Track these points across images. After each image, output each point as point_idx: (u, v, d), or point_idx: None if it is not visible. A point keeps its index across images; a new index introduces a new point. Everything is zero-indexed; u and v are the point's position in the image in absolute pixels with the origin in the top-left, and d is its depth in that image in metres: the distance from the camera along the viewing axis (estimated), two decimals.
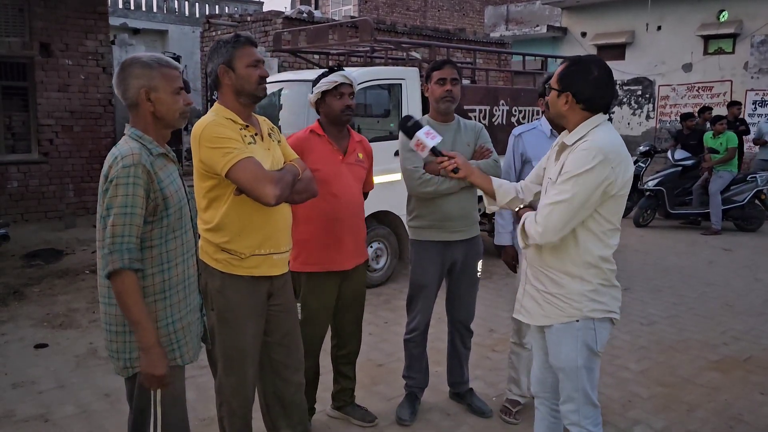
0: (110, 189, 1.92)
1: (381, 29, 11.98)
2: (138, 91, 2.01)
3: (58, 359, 4.08)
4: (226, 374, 2.51)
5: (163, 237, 2.02)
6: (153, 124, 2.06)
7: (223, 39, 2.40)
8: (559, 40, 18.96)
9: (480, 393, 3.69)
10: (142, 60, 2.04)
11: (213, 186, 2.33)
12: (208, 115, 2.38)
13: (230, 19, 12.33)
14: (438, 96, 3.16)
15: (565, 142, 2.25)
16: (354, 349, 3.28)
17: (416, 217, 3.25)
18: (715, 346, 4.52)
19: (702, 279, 6.38)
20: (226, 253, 2.39)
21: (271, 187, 2.22)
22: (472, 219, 3.30)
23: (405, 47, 6.87)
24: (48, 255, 6.67)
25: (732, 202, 8.72)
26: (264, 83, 2.42)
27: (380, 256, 5.91)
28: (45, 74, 8.15)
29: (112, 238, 1.89)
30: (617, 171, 2.12)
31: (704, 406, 3.59)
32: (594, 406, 2.35)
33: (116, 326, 2.01)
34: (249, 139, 2.36)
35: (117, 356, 2.04)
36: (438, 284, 3.32)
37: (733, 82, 15.70)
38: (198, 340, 2.21)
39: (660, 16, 17.06)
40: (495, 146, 3.33)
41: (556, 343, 2.32)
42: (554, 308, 2.28)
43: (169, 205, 2.01)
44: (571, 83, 2.20)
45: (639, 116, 17.70)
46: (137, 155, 1.94)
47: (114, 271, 1.88)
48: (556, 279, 2.26)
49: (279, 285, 2.55)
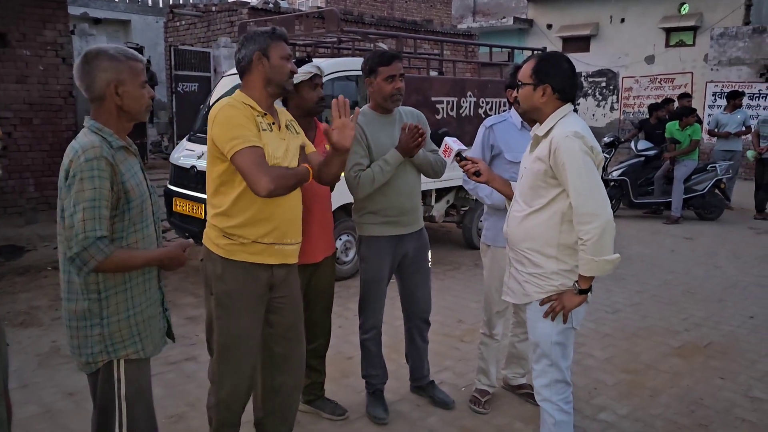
0: (75, 184, 1.88)
1: (348, 20, 11.91)
2: (106, 85, 1.98)
3: (20, 359, 3.98)
4: (219, 361, 2.54)
5: (124, 230, 2.00)
6: (117, 118, 2.03)
7: (259, 30, 2.45)
8: (525, 32, 19.13)
9: (449, 383, 3.72)
10: (109, 53, 2.00)
11: (224, 170, 2.36)
12: (226, 98, 2.42)
13: (194, 9, 12.11)
14: (387, 94, 3.07)
15: (536, 133, 2.41)
16: (323, 343, 3.27)
17: (369, 214, 3.18)
18: (677, 332, 4.64)
19: (664, 267, 6.54)
20: (227, 238, 2.41)
21: (266, 179, 2.23)
22: (420, 211, 3.33)
23: (372, 38, 6.84)
24: (8, 252, 6.49)
25: (693, 191, 8.93)
26: (292, 77, 2.50)
27: (349, 249, 5.90)
28: (2, 65, 7.87)
29: (84, 233, 1.86)
30: (594, 151, 2.30)
31: (667, 391, 3.69)
32: (567, 384, 2.47)
33: (77, 321, 1.99)
34: (264, 126, 2.39)
35: (79, 352, 2.01)
36: (388, 280, 3.29)
37: (694, 73, 16.07)
38: (161, 334, 2.18)
39: (623, 9, 17.34)
40: (462, 137, 3.36)
41: (533, 318, 2.47)
42: (533, 286, 2.44)
43: (131, 199, 1.98)
44: (547, 76, 2.35)
45: (603, 108, 18.00)
46: (98, 148, 1.91)
47: (99, 264, 1.88)
48: (534, 259, 2.42)
49: (281, 276, 2.55)
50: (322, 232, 3.05)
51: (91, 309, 1.98)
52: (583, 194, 2.23)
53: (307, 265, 2.98)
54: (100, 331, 1.99)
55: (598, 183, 2.26)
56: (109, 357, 2.02)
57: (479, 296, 4.65)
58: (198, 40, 11.81)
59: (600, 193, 2.25)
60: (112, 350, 2.01)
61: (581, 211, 2.24)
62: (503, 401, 3.53)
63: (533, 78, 2.36)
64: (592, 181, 2.24)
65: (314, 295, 3.12)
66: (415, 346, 3.46)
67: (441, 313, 4.87)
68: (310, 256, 2.98)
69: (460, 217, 7.14)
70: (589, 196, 2.23)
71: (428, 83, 6.31)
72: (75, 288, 1.98)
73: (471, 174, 2.72)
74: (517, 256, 2.51)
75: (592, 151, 2.28)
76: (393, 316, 4.19)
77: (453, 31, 15.22)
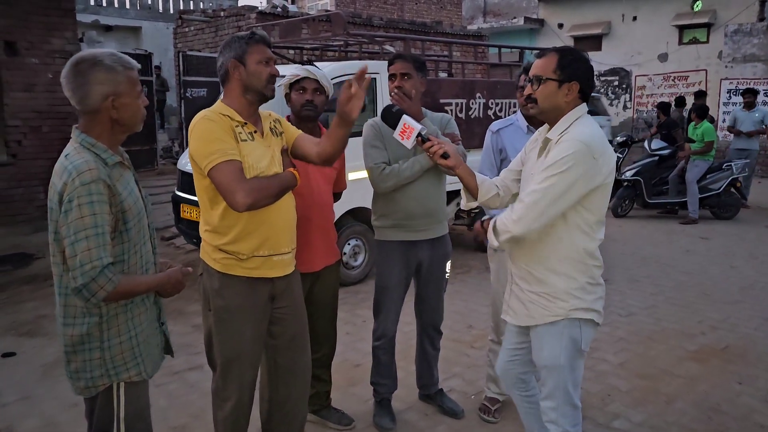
0: (73, 210, 1.77)
1: (357, 23, 11.86)
2: (103, 99, 1.87)
3: (24, 369, 3.95)
4: (222, 377, 2.47)
5: (126, 253, 1.91)
6: (110, 131, 1.92)
7: (238, 35, 2.35)
8: (536, 31, 19.00)
9: (458, 391, 3.64)
10: (105, 63, 1.87)
11: (208, 185, 2.28)
12: (204, 110, 2.34)
13: (203, 14, 12.14)
14: (390, 92, 3.06)
15: (548, 137, 2.19)
16: (328, 352, 3.20)
17: (380, 217, 3.16)
18: (693, 335, 4.52)
19: (679, 268, 6.40)
20: (224, 253, 2.34)
21: (241, 194, 2.15)
22: (438, 218, 3.18)
23: (379, 41, 6.78)
24: (17, 260, 6.50)
25: (708, 191, 8.77)
26: (273, 82, 2.37)
27: (358, 254, 5.82)
28: (10, 74, 7.90)
29: (91, 263, 1.75)
30: (600, 162, 2.09)
31: (683, 397, 3.57)
32: (574, 407, 2.31)
33: (73, 346, 1.90)
34: (244, 136, 2.30)
35: (77, 376, 1.93)
36: (405, 286, 3.22)
37: (708, 71, 15.86)
38: (159, 350, 2.11)
39: (635, 7, 17.16)
40: (472, 139, 3.27)
41: (539, 340, 2.29)
42: (539, 308, 2.25)
43: (128, 219, 1.89)
44: (575, 72, 2.14)
45: (616, 106, 17.81)
46: (95, 170, 1.79)
47: (108, 294, 1.79)
48: (541, 277, 2.23)
49: (282, 286, 2.49)
50: (322, 240, 2.98)
51: (90, 332, 1.89)
52: (537, 191, 2.09)
53: (307, 274, 2.91)
54: (101, 354, 1.90)
55: (555, 195, 2.07)
56: (110, 381, 1.93)
57: (489, 300, 4.55)
58: (206, 45, 11.82)
59: (542, 207, 2.08)
60: (113, 373, 1.93)
61: (525, 200, 2.13)
62: (514, 409, 3.41)
63: (558, 73, 2.12)
64: (552, 187, 2.07)
65: (317, 304, 3.05)
66: (425, 354, 3.39)
67: (451, 317, 4.76)
68: (309, 265, 2.91)
69: (471, 220, 7.04)
70: (535, 207, 2.09)
71: (436, 85, 6.23)
72: (73, 312, 1.89)
73: (439, 156, 2.32)
74: (520, 272, 2.31)
75: (596, 162, 2.07)
76: (403, 321, 4.11)
77: (463, 33, 15.12)
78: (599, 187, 2.12)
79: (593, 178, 2.09)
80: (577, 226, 2.16)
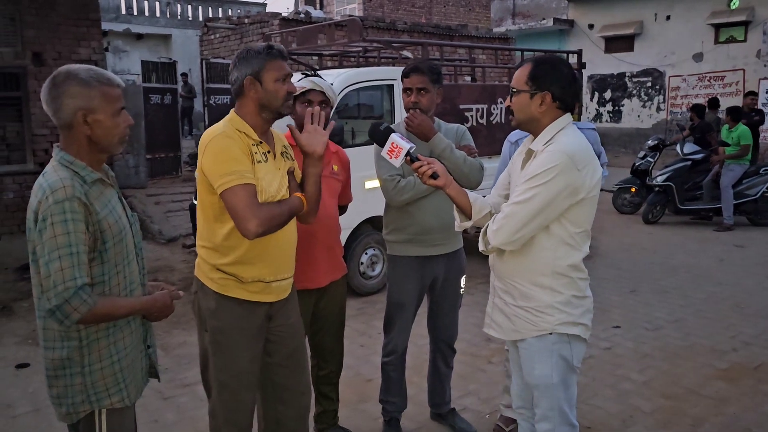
0: (47, 229, 1.71)
1: (380, 27, 11.80)
2: (74, 113, 1.80)
3: (38, 379, 3.96)
4: (219, 398, 2.40)
5: (105, 274, 1.85)
6: (87, 148, 1.86)
7: (254, 48, 2.26)
8: (566, 33, 18.66)
9: (472, 410, 3.52)
10: (80, 76, 1.82)
11: (216, 201, 2.19)
12: (220, 124, 2.26)
13: (228, 21, 12.23)
14: (405, 107, 2.96)
15: (531, 148, 2.16)
16: (335, 369, 3.11)
17: (393, 231, 3.06)
18: (724, 352, 4.30)
19: (711, 278, 6.14)
20: (223, 273, 2.27)
21: (255, 223, 2.08)
22: (453, 231, 3.08)
23: (396, 46, 6.69)
24: None
25: (744, 196, 8.44)
26: (290, 99, 2.30)
27: (375, 263, 5.73)
28: (38, 83, 8.04)
29: (64, 284, 1.70)
30: (584, 174, 2.04)
31: (710, 420, 3.39)
32: (571, 426, 2.23)
33: (55, 371, 1.85)
34: (259, 157, 2.23)
35: (59, 402, 1.88)
36: (417, 303, 3.12)
37: (746, 71, 15.33)
38: (143, 374, 2.05)
39: (669, 5, 16.71)
40: (493, 145, 3.15)
41: (529, 359, 2.22)
42: (524, 322, 2.19)
43: (107, 239, 1.82)
44: (546, 82, 2.10)
45: (649, 108, 17.37)
46: (69, 188, 1.74)
47: (82, 317, 1.73)
48: (526, 291, 2.17)
49: (280, 306, 2.42)
50: (327, 255, 2.90)
51: (70, 357, 1.83)
52: (517, 203, 2.05)
53: (311, 290, 2.83)
54: (82, 380, 1.85)
55: (535, 208, 2.02)
56: (92, 407, 1.88)
57: None
58: (231, 52, 11.90)
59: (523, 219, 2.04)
60: (95, 399, 1.87)
61: (505, 211, 2.08)
62: None
63: (530, 84, 2.11)
64: (533, 199, 2.02)
65: (323, 320, 2.97)
66: (438, 372, 3.28)
67: (468, 330, 4.64)
68: (314, 281, 2.83)
69: None
70: (514, 218, 2.05)
71: (455, 90, 6.11)
72: (52, 335, 1.84)
73: (428, 177, 2.23)
74: (504, 286, 2.25)
75: (580, 174, 2.02)
76: (415, 335, 4.00)
77: (488, 35, 14.94)
78: (584, 200, 2.06)
79: (577, 191, 2.04)
80: (561, 238, 2.11)
